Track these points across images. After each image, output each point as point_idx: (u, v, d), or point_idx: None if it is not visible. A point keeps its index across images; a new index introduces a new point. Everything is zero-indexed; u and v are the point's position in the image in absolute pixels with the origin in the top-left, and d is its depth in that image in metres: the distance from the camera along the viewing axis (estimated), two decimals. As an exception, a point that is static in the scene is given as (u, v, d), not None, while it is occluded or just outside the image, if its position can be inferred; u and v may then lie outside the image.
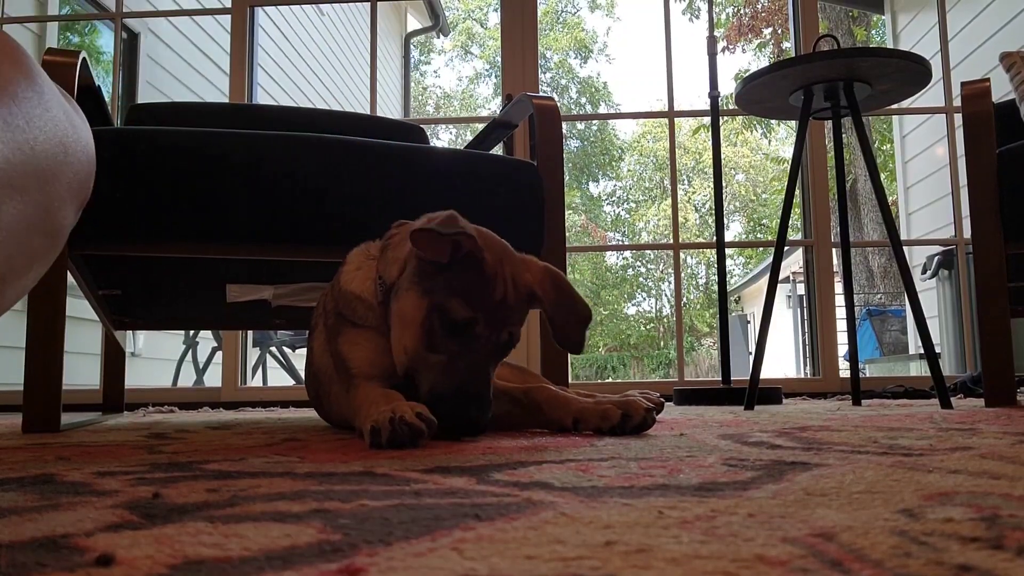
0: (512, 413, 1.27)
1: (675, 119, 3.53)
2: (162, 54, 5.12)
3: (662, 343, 17.04)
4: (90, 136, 0.68)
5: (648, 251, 18.61)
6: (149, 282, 1.93)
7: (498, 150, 2.37)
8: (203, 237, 1.58)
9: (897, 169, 5.87)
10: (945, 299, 4.31)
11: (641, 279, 18.36)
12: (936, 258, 4.34)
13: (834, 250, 3.29)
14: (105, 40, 5.25)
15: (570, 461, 0.81)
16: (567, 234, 2.05)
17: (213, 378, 5.23)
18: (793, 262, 10.25)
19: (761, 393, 2.34)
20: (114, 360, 2.37)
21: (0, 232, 0.53)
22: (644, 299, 18.55)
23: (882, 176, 3.53)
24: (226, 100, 3.63)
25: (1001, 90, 2.26)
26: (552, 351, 1.80)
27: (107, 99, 1.96)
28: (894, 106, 2.49)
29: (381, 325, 1.22)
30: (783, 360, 11.86)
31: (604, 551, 0.41)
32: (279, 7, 6.33)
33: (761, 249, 15.34)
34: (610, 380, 13.42)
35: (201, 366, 5.29)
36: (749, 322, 13.33)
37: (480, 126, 2.37)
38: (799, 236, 3.51)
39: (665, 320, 17.56)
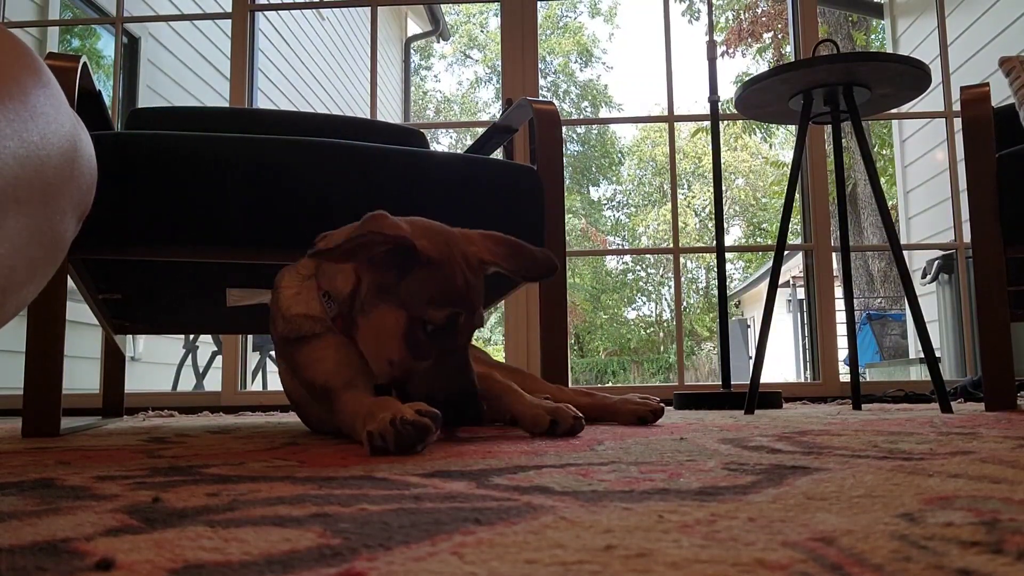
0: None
1: (675, 123, 3.53)
2: (163, 58, 5.13)
3: (662, 347, 17.03)
4: (92, 147, 0.68)
5: (648, 255, 18.60)
6: (149, 286, 1.93)
7: (498, 154, 2.37)
8: (203, 241, 1.58)
9: (897, 173, 5.87)
10: (945, 303, 4.31)
11: (641, 283, 18.35)
12: (936, 262, 4.34)
13: (834, 254, 3.29)
14: (106, 44, 5.26)
15: (570, 465, 0.81)
16: (567, 238, 2.05)
17: (213, 382, 5.23)
18: (793, 266, 10.25)
19: (761, 397, 2.34)
20: (114, 364, 2.37)
21: (3, 245, 0.53)
22: (644, 303, 18.55)
23: (882, 180, 3.54)
24: (226, 104, 3.63)
25: (1000, 94, 2.26)
26: (552, 352, 1.80)
27: (107, 103, 1.96)
28: (894, 110, 2.49)
29: (332, 330, 1.21)
30: (783, 364, 11.86)
31: (604, 555, 0.41)
32: (280, 12, 6.34)
33: (761, 253, 15.34)
34: (610, 384, 13.41)
35: (201, 370, 5.29)
36: (749, 326, 13.32)
37: (480, 130, 2.37)
38: (799, 240, 3.51)
39: (665, 324, 17.56)
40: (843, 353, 3.34)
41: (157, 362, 5.20)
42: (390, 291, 1.11)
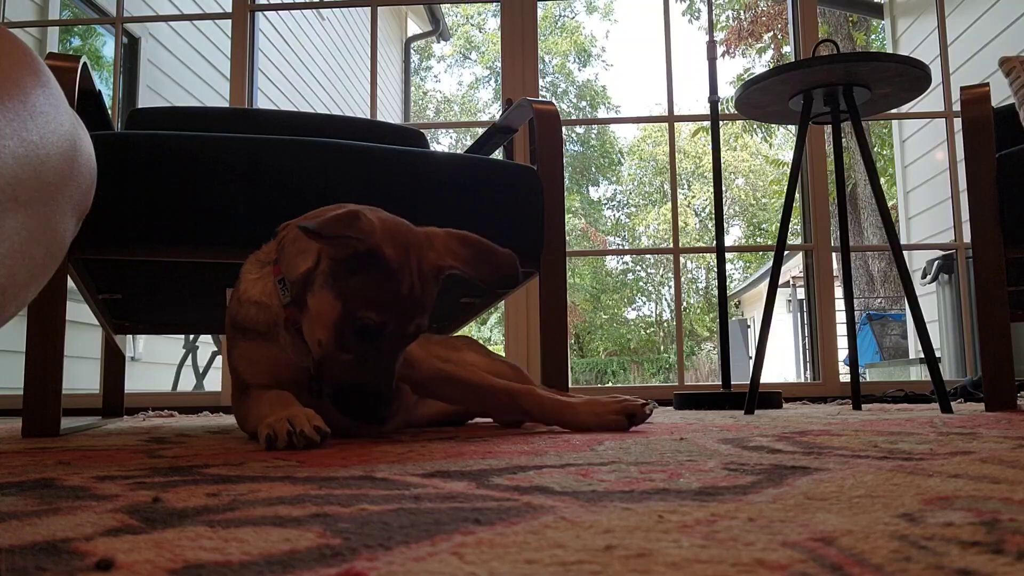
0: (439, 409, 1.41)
1: (675, 123, 3.53)
2: (163, 58, 5.13)
3: (662, 347, 17.02)
4: (91, 146, 0.68)
5: (648, 255, 18.59)
6: (149, 286, 1.93)
7: (498, 155, 2.37)
8: (203, 241, 1.58)
9: (897, 173, 5.87)
10: (945, 303, 4.31)
11: (641, 283, 18.35)
12: (936, 262, 4.34)
13: (834, 254, 3.29)
14: (106, 44, 5.26)
15: (570, 466, 0.81)
16: (567, 238, 2.05)
17: (213, 382, 5.23)
18: (793, 266, 10.25)
19: (761, 397, 2.34)
20: (114, 364, 2.37)
21: (3, 244, 0.53)
22: (644, 303, 18.55)
23: (882, 180, 3.54)
24: (226, 105, 3.64)
25: (1000, 94, 2.26)
26: (552, 352, 1.80)
27: (107, 103, 1.96)
28: (894, 111, 2.49)
29: (277, 333, 1.26)
30: (783, 364, 11.86)
31: (604, 555, 0.41)
32: (280, 12, 6.34)
33: (761, 253, 15.34)
34: (610, 384, 13.41)
35: (201, 370, 5.29)
36: (749, 326, 13.32)
37: (480, 131, 2.37)
38: (799, 240, 3.51)
39: (665, 324, 17.55)
40: (843, 353, 3.34)
41: (157, 362, 5.20)
42: (338, 280, 1.14)
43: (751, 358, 5.52)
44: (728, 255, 3.26)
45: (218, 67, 5.49)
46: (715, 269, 2.96)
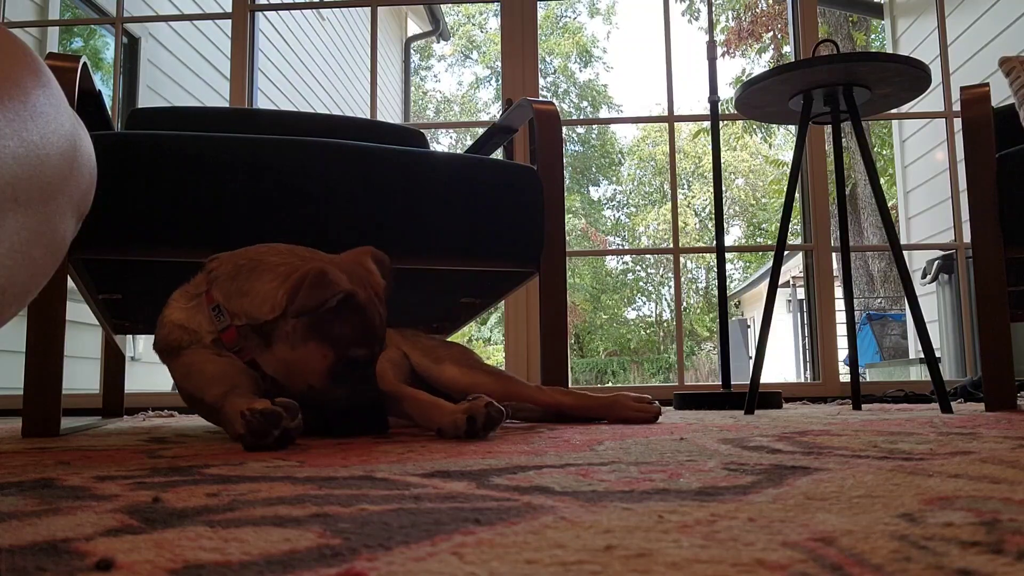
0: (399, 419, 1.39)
1: (675, 124, 3.53)
2: (163, 58, 5.13)
3: (662, 347, 17.02)
4: (91, 147, 0.68)
5: (648, 255, 18.59)
6: (150, 286, 1.93)
7: (498, 154, 2.37)
8: (203, 241, 1.58)
9: (897, 173, 5.87)
10: (945, 303, 4.31)
11: (641, 283, 18.35)
12: (936, 262, 4.34)
13: (834, 254, 3.29)
14: (106, 44, 5.26)
15: (570, 466, 0.81)
16: (567, 238, 2.05)
17: (213, 382, 5.22)
18: (793, 266, 10.25)
19: (761, 397, 2.34)
20: (114, 364, 2.38)
21: (2, 244, 0.53)
22: (644, 303, 18.55)
23: (882, 180, 3.54)
24: (226, 104, 3.64)
25: (1000, 95, 2.26)
26: (552, 352, 1.80)
27: (108, 103, 1.96)
28: (894, 111, 2.49)
29: (202, 344, 1.30)
30: (783, 364, 11.86)
31: (604, 555, 0.41)
32: (280, 12, 6.34)
33: (761, 253, 15.34)
34: (610, 384, 13.41)
35: (201, 370, 5.28)
36: (749, 326, 13.33)
37: (480, 131, 2.37)
38: (799, 240, 3.51)
39: (665, 324, 17.55)
40: (843, 353, 3.34)
41: (157, 362, 5.19)
42: (323, 331, 1.21)
43: (751, 358, 5.52)
44: (728, 255, 3.26)
45: (218, 67, 5.49)
46: (715, 269, 2.96)
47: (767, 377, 3.19)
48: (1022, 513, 0.51)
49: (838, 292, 2.82)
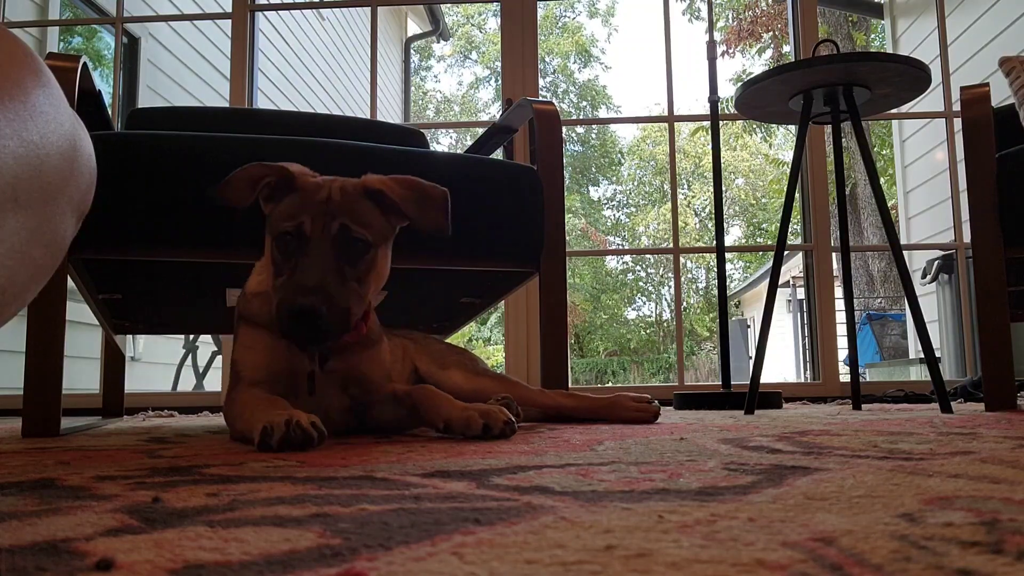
0: (398, 414, 1.34)
1: (675, 123, 3.53)
2: (162, 58, 5.13)
3: (662, 347, 17.02)
4: (91, 146, 0.68)
5: (648, 255, 18.58)
6: (149, 286, 1.93)
7: (498, 154, 2.37)
8: (203, 241, 1.58)
9: (897, 173, 5.87)
10: (945, 303, 4.31)
11: (641, 283, 18.34)
12: (936, 262, 4.34)
13: (834, 254, 3.29)
14: (106, 44, 5.26)
15: (570, 466, 0.81)
16: (567, 238, 2.05)
17: (213, 382, 5.23)
18: (793, 266, 10.25)
19: (761, 397, 2.34)
20: (114, 364, 2.37)
21: (2, 244, 0.53)
22: (644, 303, 18.54)
23: (882, 180, 3.54)
24: (226, 104, 3.64)
25: (1000, 94, 2.26)
26: (552, 352, 1.80)
27: (108, 103, 1.96)
28: (893, 111, 2.49)
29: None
30: (783, 364, 11.86)
31: (604, 555, 0.41)
32: (280, 12, 6.34)
33: (761, 253, 15.34)
34: (610, 384, 13.41)
35: (201, 370, 5.29)
36: (749, 326, 13.32)
37: (480, 131, 2.37)
38: (799, 240, 3.51)
39: (665, 324, 17.55)
40: (843, 353, 3.34)
41: (157, 362, 5.20)
42: (270, 220, 1.23)
43: (751, 358, 5.52)
44: (728, 255, 3.26)
45: (218, 67, 5.49)
46: (715, 269, 2.96)
47: (767, 377, 3.19)
48: (1022, 513, 0.51)
49: (838, 292, 2.82)
